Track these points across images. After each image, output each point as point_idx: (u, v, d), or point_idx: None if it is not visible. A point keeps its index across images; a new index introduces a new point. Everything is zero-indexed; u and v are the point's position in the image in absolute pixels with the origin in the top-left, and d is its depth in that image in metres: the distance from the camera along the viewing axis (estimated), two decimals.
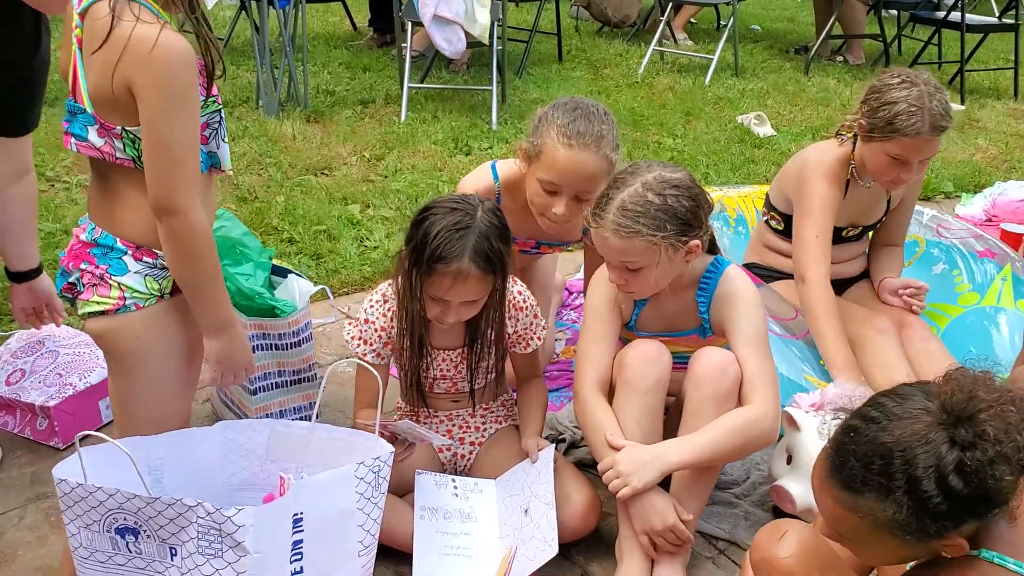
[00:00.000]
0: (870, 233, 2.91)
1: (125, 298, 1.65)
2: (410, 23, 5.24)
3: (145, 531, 1.52)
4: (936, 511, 1.30)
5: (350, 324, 2.20)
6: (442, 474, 2.17)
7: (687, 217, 1.99)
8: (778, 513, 2.27)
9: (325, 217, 3.86)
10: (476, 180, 2.47)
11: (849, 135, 2.68)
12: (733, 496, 2.36)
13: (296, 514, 1.56)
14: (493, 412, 2.31)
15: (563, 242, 2.61)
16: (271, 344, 2.37)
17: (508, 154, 4.44)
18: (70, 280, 1.70)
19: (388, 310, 2.15)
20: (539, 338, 2.23)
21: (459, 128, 5.06)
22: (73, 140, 1.63)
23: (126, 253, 1.65)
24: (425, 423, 2.27)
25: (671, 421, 2.16)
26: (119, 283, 1.65)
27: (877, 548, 1.41)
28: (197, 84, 1.57)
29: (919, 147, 2.51)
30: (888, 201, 2.83)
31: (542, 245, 2.58)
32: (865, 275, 2.95)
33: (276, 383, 2.41)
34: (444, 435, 2.24)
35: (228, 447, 1.81)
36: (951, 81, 6.47)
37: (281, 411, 2.46)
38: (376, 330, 2.15)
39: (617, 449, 2.01)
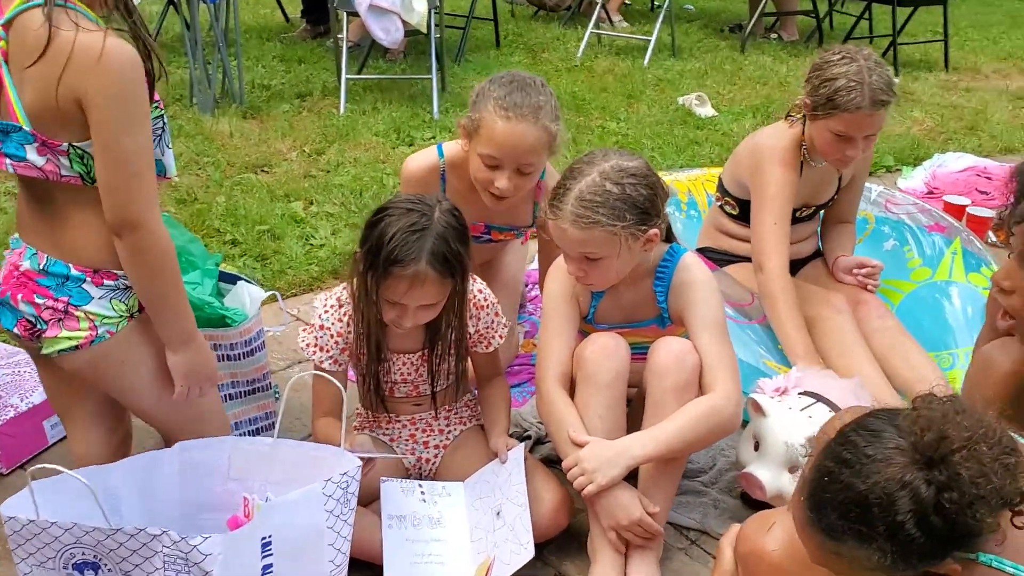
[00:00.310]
0: (822, 212, 2.92)
1: (96, 327, 1.57)
2: (345, 13, 5.14)
3: (106, 565, 1.45)
4: (921, 551, 1.29)
5: (304, 331, 2.13)
6: (408, 480, 2.12)
7: (645, 206, 1.98)
8: (747, 500, 2.27)
9: (268, 216, 3.75)
10: (421, 158, 2.47)
11: (798, 116, 2.68)
12: (701, 484, 2.35)
13: (264, 538, 1.50)
14: (457, 413, 2.26)
15: (513, 227, 2.57)
16: (223, 355, 2.29)
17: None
18: (26, 317, 1.60)
19: (344, 315, 2.08)
20: (501, 336, 2.19)
21: (400, 119, 4.98)
22: (8, 161, 1.52)
23: (84, 280, 1.56)
24: (386, 428, 2.22)
25: (634, 413, 2.14)
26: (86, 313, 1.56)
27: None
28: (146, 90, 1.49)
29: (860, 122, 2.51)
30: (839, 179, 2.83)
31: (492, 230, 2.54)
32: (818, 254, 2.97)
33: (230, 394, 2.33)
34: (407, 439, 2.20)
35: (188, 468, 1.73)
36: (883, 54, 6.55)
37: (236, 423, 2.37)
38: (332, 336, 2.08)
39: (580, 446, 1.98)
